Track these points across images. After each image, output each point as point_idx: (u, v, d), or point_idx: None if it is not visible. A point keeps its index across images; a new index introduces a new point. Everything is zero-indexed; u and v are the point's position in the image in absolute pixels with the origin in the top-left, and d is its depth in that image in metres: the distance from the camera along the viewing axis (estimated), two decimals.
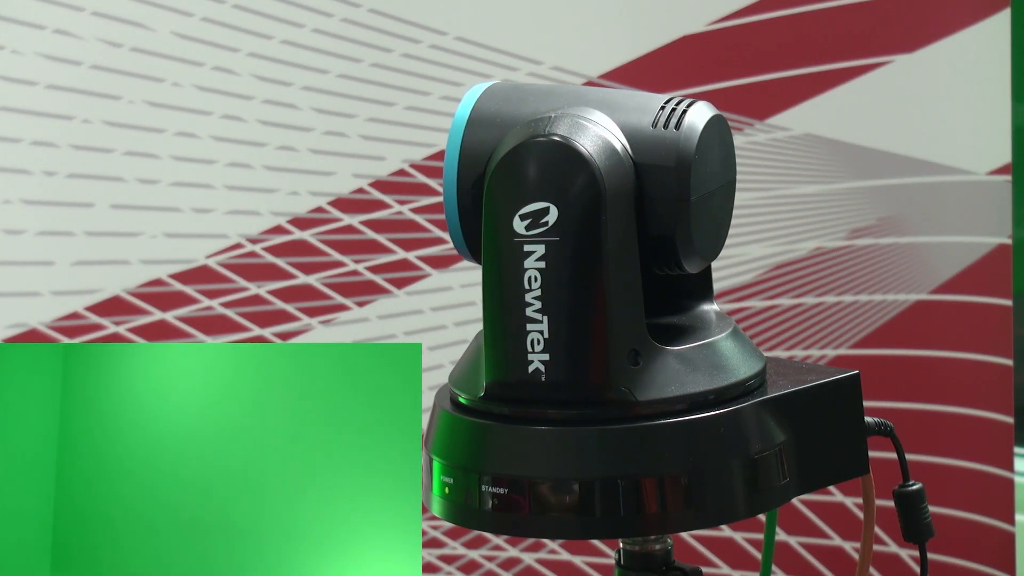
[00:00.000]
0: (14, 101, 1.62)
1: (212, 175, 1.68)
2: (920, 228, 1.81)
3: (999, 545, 1.83)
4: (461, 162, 0.81)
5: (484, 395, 0.80)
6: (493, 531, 0.84)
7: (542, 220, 0.77)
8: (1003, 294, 1.80)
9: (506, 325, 0.78)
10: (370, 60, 1.70)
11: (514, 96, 0.84)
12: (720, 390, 0.80)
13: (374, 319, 1.73)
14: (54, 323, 1.65)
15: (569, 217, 0.77)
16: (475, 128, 0.82)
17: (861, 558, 0.91)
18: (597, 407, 0.78)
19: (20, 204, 1.63)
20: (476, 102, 0.83)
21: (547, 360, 0.78)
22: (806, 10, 1.76)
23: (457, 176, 0.81)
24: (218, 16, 1.66)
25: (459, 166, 0.81)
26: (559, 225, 0.77)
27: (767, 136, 1.77)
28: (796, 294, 1.80)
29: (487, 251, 0.79)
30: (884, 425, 0.88)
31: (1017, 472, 1.84)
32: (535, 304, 0.77)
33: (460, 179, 0.81)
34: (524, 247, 0.77)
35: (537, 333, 0.78)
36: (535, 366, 0.78)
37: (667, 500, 0.78)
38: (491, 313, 0.79)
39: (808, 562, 1.83)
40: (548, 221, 0.77)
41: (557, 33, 1.74)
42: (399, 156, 1.72)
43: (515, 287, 0.78)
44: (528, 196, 0.77)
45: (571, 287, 0.77)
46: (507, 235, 0.78)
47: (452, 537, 1.76)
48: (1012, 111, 1.78)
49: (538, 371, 0.78)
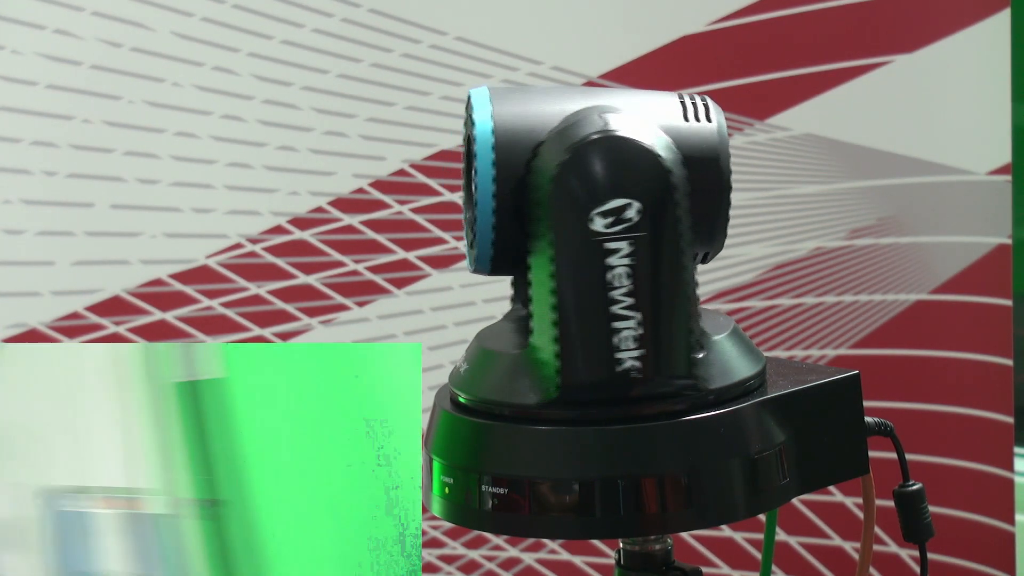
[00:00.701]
0: (14, 101, 1.62)
1: (212, 175, 1.68)
2: (920, 228, 1.81)
3: (999, 545, 1.83)
4: (497, 172, 0.80)
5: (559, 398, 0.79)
6: (493, 531, 0.84)
7: (624, 216, 0.77)
8: (1003, 294, 1.80)
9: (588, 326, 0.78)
10: (370, 60, 1.70)
11: (525, 98, 0.82)
12: (720, 390, 0.80)
13: (374, 319, 1.73)
14: (54, 323, 1.65)
15: (651, 212, 0.77)
16: (504, 135, 0.80)
17: (861, 558, 0.91)
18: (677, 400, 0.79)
19: (20, 204, 1.63)
20: (492, 108, 0.81)
21: (641, 356, 0.78)
22: (806, 10, 1.76)
23: (495, 187, 0.80)
24: (218, 16, 1.66)
25: (496, 177, 0.80)
26: (644, 220, 0.77)
27: (767, 136, 1.77)
28: (796, 294, 1.80)
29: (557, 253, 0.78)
30: (884, 425, 0.88)
31: (1017, 472, 1.84)
32: (624, 301, 0.77)
33: (499, 189, 0.80)
34: (606, 245, 0.77)
35: (627, 331, 0.78)
36: (627, 364, 0.78)
37: (667, 500, 0.78)
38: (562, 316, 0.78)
39: (808, 562, 1.83)
40: (631, 217, 0.77)
41: (557, 33, 1.74)
42: (399, 156, 1.72)
43: (598, 286, 0.77)
44: (605, 194, 0.77)
45: (661, 281, 0.77)
46: (583, 235, 0.77)
47: (452, 537, 1.76)
48: (1012, 111, 1.78)
49: (630, 368, 0.78)
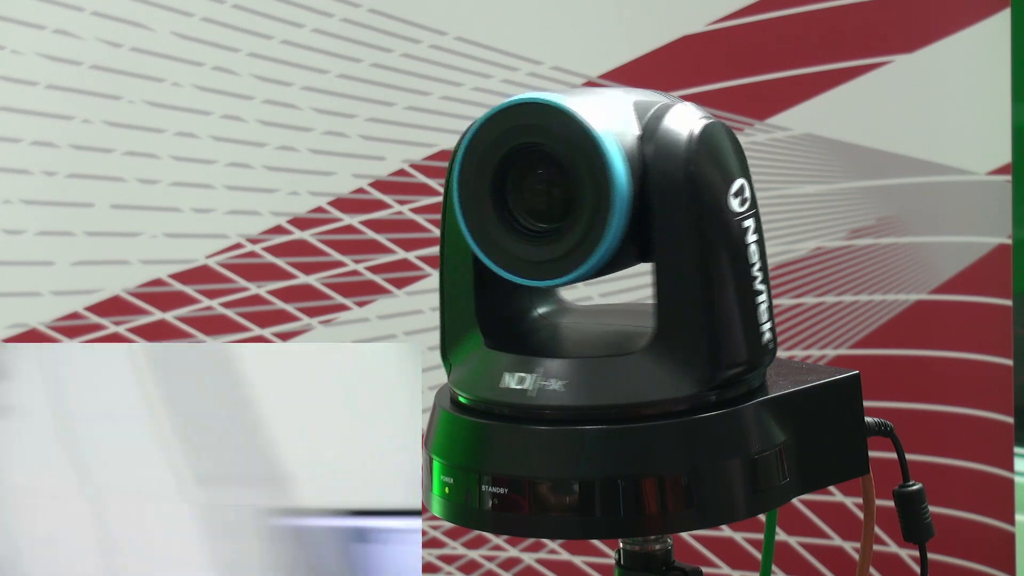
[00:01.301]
0: (14, 101, 1.62)
1: (212, 175, 1.68)
2: (920, 228, 1.81)
3: (999, 545, 1.83)
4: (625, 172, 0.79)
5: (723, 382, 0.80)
6: (493, 531, 0.84)
7: (745, 196, 0.80)
8: (1003, 294, 1.80)
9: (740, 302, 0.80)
10: (370, 60, 1.70)
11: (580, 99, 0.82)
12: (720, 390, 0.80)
13: (374, 319, 1.73)
14: (54, 323, 1.65)
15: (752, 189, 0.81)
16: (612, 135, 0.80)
17: (861, 558, 0.91)
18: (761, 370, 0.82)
19: (20, 204, 1.63)
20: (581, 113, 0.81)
21: (769, 327, 0.81)
22: (806, 10, 1.76)
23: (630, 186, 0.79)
24: (218, 16, 1.66)
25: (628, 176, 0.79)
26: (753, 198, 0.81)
27: (767, 136, 1.77)
28: (796, 294, 1.80)
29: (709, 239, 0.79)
30: (884, 425, 0.88)
31: (1017, 472, 1.84)
32: (759, 276, 0.80)
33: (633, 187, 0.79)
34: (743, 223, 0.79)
35: (764, 304, 0.80)
36: (767, 336, 0.81)
37: (667, 500, 0.78)
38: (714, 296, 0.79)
39: (808, 562, 1.83)
40: (747, 196, 0.80)
41: (557, 33, 1.74)
42: (399, 156, 1.72)
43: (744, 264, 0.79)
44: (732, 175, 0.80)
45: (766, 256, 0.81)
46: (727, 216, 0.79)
47: (452, 537, 1.76)
48: (1012, 111, 1.78)
49: (769, 340, 0.81)
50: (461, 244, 0.81)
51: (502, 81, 1.71)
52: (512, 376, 0.80)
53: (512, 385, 0.80)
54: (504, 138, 0.79)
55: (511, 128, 0.79)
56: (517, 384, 0.80)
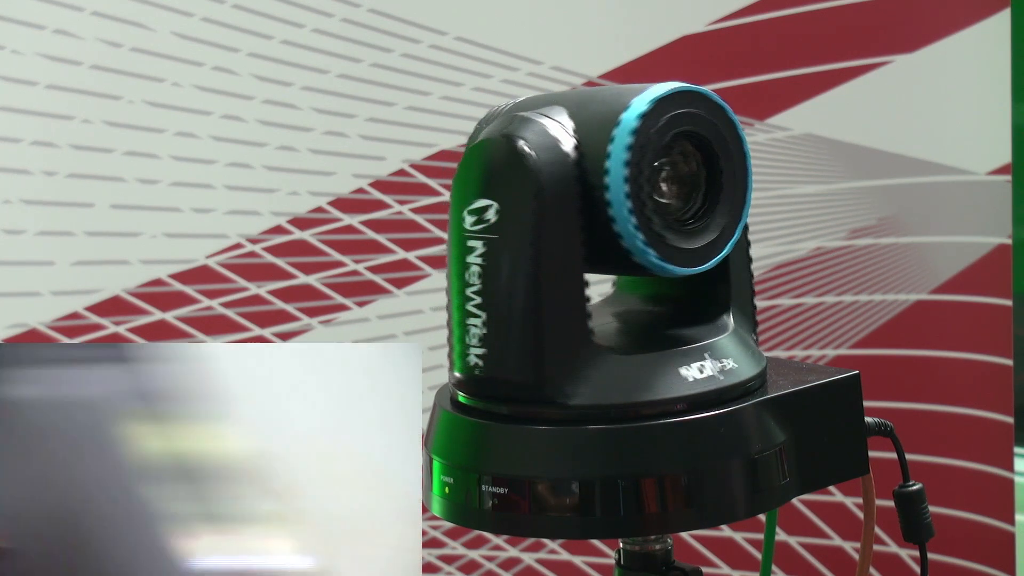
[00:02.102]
0: (14, 101, 1.62)
1: (212, 175, 1.68)
2: (920, 228, 1.81)
3: (999, 545, 1.83)
4: None
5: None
6: (493, 531, 0.84)
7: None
8: (1003, 294, 1.80)
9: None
10: (370, 60, 1.70)
11: None
12: (720, 390, 0.80)
13: (374, 319, 1.73)
14: (54, 323, 1.65)
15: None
16: None
17: (861, 558, 0.91)
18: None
19: (20, 204, 1.63)
20: None
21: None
22: (806, 10, 1.76)
23: None
24: (218, 16, 1.66)
25: None
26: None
27: (767, 136, 1.77)
28: (796, 294, 1.80)
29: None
30: (884, 425, 0.88)
31: (1017, 472, 1.84)
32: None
33: None
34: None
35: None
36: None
37: (667, 500, 0.78)
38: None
39: (808, 562, 1.83)
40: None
41: (557, 33, 1.74)
42: (399, 156, 1.72)
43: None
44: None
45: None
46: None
47: (452, 537, 1.76)
48: (1012, 111, 1.78)
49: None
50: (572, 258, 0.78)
51: (502, 81, 1.71)
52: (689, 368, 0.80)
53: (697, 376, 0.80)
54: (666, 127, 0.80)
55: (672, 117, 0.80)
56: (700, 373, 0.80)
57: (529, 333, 0.77)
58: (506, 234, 0.78)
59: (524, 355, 0.78)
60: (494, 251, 0.78)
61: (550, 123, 0.79)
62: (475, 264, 0.78)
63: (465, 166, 0.79)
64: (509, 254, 0.77)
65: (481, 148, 0.79)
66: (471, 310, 0.79)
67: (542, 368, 0.78)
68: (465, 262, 0.79)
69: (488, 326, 0.78)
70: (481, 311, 0.78)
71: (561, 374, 0.78)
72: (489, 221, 0.78)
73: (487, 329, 0.78)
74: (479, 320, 0.78)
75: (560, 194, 0.77)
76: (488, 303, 0.78)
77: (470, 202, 0.78)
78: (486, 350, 0.78)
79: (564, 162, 0.78)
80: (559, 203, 0.77)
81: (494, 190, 0.78)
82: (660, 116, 0.79)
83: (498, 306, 0.78)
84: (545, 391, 0.78)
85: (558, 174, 0.78)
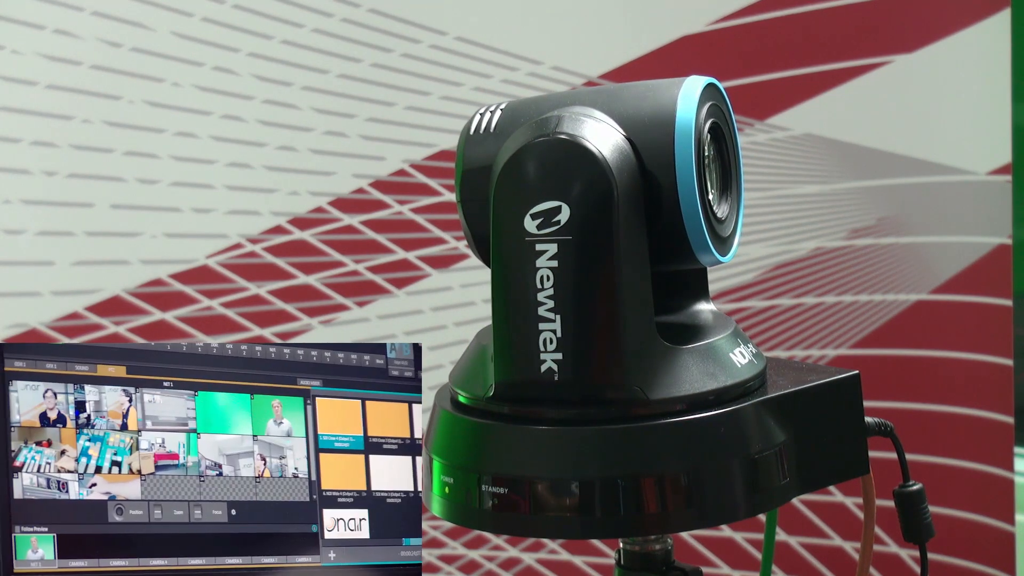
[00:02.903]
0: (14, 101, 1.62)
1: (212, 175, 1.68)
2: (920, 228, 1.81)
3: (999, 545, 1.83)
4: None
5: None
6: (493, 531, 0.84)
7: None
8: (1003, 294, 1.80)
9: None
10: (370, 60, 1.70)
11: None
12: (720, 390, 0.80)
13: (374, 319, 1.73)
14: (54, 323, 1.65)
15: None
16: None
17: (861, 558, 0.91)
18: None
19: (20, 204, 1.63)
20: None
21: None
22: (806, 10, 1.76)
23: None
24: (218, 16, 1.66)
25: None
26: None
27: (767, 136, 1.77)
28: (796, 294, 1.80)
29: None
30: (884, 425, 0.88)
31: (1017, 472, 1.84)
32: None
33: None
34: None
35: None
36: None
37: (667, 500, 0.78)
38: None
39: (808, 562, 1.83)
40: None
41: (557, 33, 1.74)
42: (399, 156, 1.72)
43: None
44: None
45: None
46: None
47: (452, 537, 1.76)
48: (1012, 111, 1.78)
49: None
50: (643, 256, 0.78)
51: (502, 81, 1.71)
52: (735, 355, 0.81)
53: (744, 360, 0.81)
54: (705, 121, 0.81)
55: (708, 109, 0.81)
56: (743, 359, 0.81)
57: (613, 334, 0.77)
58: (582, 235, 0.77)
59: (608, 355, 0.77)
60: (569, 253, 0.77)
61: (598, 123, 0.79)
62: (546, 268, 0.77)
63: (515, 168, 0.78)
64: (587, 255, 0.77)
65: (541, 149, 0.78)
66: (543, 315, 0.77)
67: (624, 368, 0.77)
68: (533, 266, 0.77)
69: (565, 330, 0.77)
70: (555, 315, 0.77)
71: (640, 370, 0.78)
72: (560, 223, 0.77)
73: (564, 333, 0.77)
74: (554, 324, 0.77)
75: (629, 193, 0.77)
76: (564, 307, 0.77)
77: (533, 204, 0.77)
78: (563, 354, 0.77)
79: (629, 161, 0.78)
80: (629, 202, 0.77)
81: (564, 191, 0.77)
82: (702, 110, 0.80)
83: (578, 309, 0.77)
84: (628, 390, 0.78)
85: (627, 172, 0.78)
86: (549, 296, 0.77)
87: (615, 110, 0.80)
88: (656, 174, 0.78)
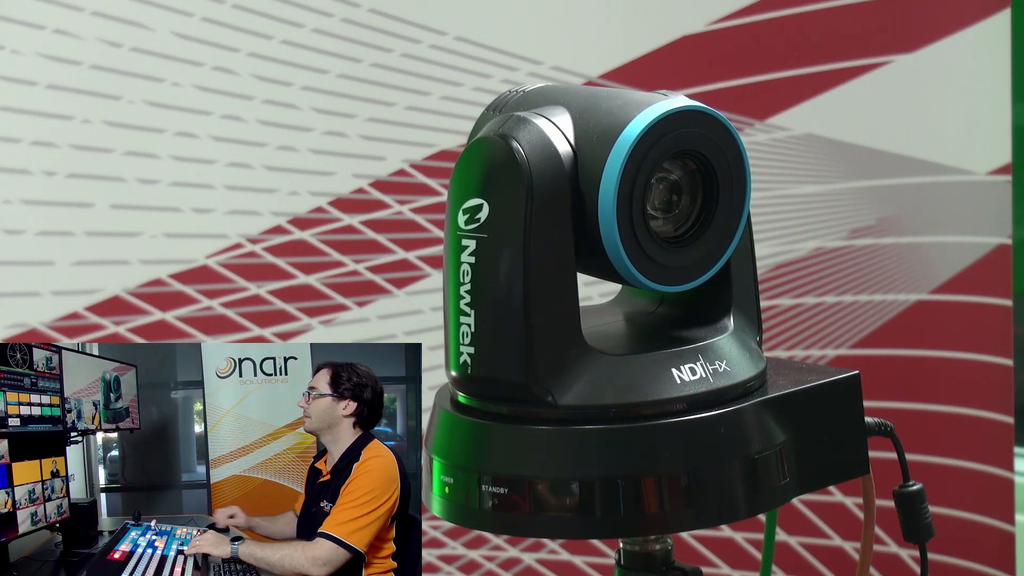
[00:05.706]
0: (14, 101, 1.62)
1: (212, 175, 1.68)
2: (920, 228, 1.81)
3: (999, 545, 1.83)
4: None
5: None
6: (493, 531, 0.84)
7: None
8: (1003, 294, 1.80)
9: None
10: (370, 60, 1.70)
11: None
12: (720, 390, 0.80)
13: (374, 319, 1.73)
14: (54, 323, 1.65)
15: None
16: None
17: (861, 558, 0.91)
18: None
19: (20, 204, 1.63)
20: None
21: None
22: (806, 10, 1.76)
23: None
24: (218, 16, 1.66)
25: None
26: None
27: (767, 136, 1.77)
28: (796, 294, 1.80)
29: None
30: (884, 425, 0.88)
31: (1017, 472, 1.84)
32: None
33: None
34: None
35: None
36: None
37: (667, 500, 0.78)
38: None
39: (808, 562, 1.83)
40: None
41: (557, 33, 1.74)
42: (399, 156, 1.72)
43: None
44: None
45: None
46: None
47: (452, 537, 1.76)
48: (1012, 111, 1.78)
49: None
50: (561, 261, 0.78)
51: (502, 81, 1.71)
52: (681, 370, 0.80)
53: (689, 378, 0.80)
54: (667, 146, 0.79)
55: (674, 136, 0.79)
56: (691, 376, 0.80)
57: (516, 332, 0.78)
58: (495, 233, 0.78)
59: (511, 354, 0.78)
60: (484, 250, 0.78)
61: (548, 126, 0.79)
62: (467, 263, 0.79)
63: (462, 165, 0.80)
64: (497, 253, 0.78)
65: (477, 147, 0.79)
66: (463, 308, 0.79)
67: (530, 367, 0.78)
68: (458, 261, 0.79)
69: (477, 324, 0.79)
70: (471, 309, 0.79)
71: (549, 373, 0.78)
72: (480, 220, 0.78)
73: (476, 328, 0.79)
74: (469, 319, 0.79)
75: (551, 197, 0.77)
76: (477, 301, 0.78)
77: (464, 201, 0.79)
78: (475, 348, 0.79)
79: (558, 167, 0.78)
80: (549, 206, 0.77)
81: (486, 190, 0.78)
82: (661, 134, 0.78)
83: (487, 305, 0.78)
84: (533, 390, 0.78)
85: (550, 178, 0.78)
86: (468, 291, 0.79)
87: (583, 117, 0.80)
88: (583, 187, 0.78)
